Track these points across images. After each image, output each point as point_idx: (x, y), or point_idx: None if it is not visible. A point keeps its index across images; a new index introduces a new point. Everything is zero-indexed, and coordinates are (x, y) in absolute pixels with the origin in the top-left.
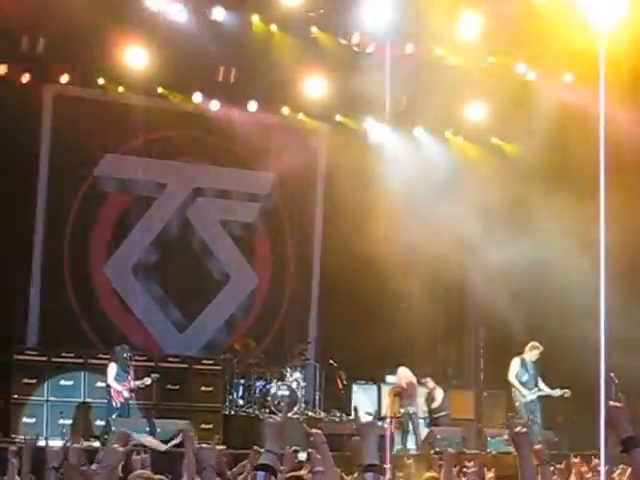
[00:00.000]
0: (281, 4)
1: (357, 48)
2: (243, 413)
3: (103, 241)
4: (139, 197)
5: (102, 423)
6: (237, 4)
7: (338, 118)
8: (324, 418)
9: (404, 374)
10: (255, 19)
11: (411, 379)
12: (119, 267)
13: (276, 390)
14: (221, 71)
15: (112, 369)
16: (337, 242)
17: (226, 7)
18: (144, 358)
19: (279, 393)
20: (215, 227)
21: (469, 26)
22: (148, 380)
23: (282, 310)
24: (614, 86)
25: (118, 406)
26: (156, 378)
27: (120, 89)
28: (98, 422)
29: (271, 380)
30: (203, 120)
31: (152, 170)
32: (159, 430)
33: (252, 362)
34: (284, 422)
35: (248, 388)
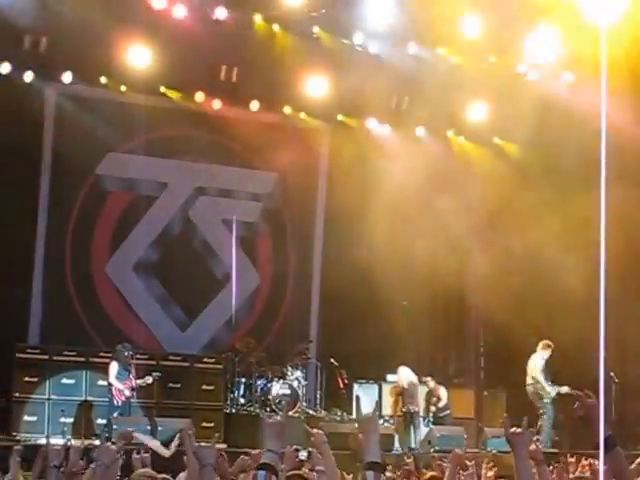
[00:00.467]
0: (283, 4)
1: (359, 48)
2: (244, 412)
3: (105, 240)
4: (141, 196)
5: (103, 421)
6: (239, 3)
7: (340, 117)
8: (325, 417)
9: (405, 374)
10: (257, 18)
11: (412, 379)
12: (121, 266)
13: (277, 389)
14: (223, 70)
15: (113, 368)
16: (339, 241)
17: (228, 6)
18: (145, 357)
19: (280, 392)
20: (217, 226)
21: (470, 26)
22: (149, 379)
23: (283, 309)
24: (615, 86)
25: (119, 405)
26: (157, 377)
27: (122, 88)
28: (99, 420)
29: (272, 379)
30: (205, 119)
31: (154, 169)
32: (160, 429)
33: (253, 361)
34: (284, 422)
35: (249, 387)
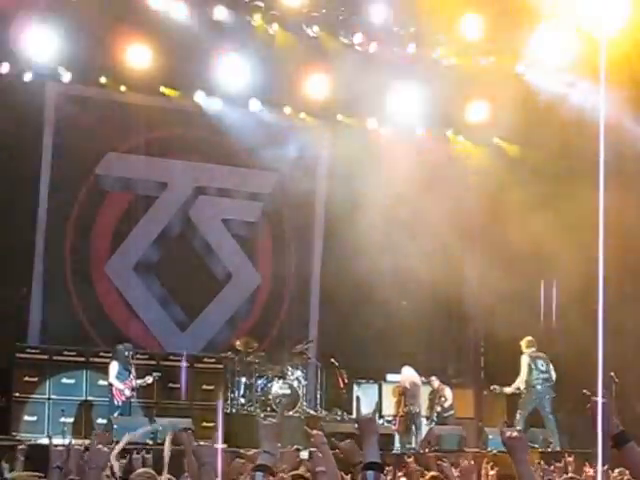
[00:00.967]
0: (283, 4)
1: (359, 48)
2: (244, 412)
3: (105, 240)
4: (141, 196)
5: (104, 421)
6: (239, 3)
7: (340, 117)
8: (325, 417)
9: (407, 374)
10: (257, 18)
11: (414, 379)
12: (121, 266)
13: (277, 389)
14: (223, 70)
15: (114, 367)
16: (339, 241)
17: (228, 6)
18: (146, 356)
19: (280, 392)
20: (217, 226)
21: (470, 26)
22: (150, 379)
23: (284, 309)
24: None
25: (119, 404)
26: (157, 377)
27: (122, 88)
28: (100, 420)
29: (272, 379)
30: (205, 119)
31: (154, 169)
32: (160, 429)
33: (253, 361)
34: (280, 423)
35: (249, 387)
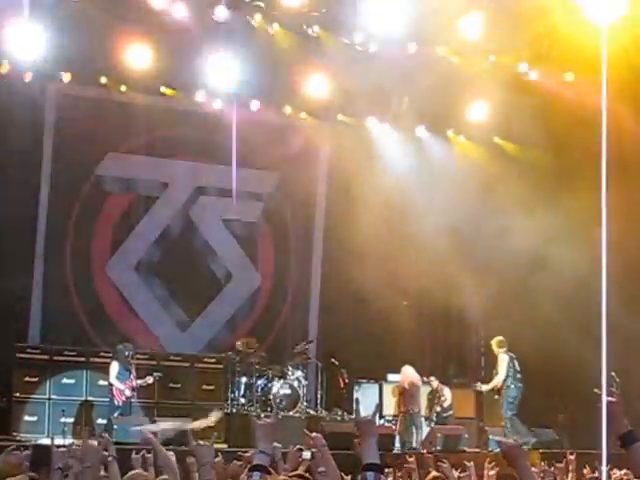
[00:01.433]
0: (283, 3)
1: (359, 47)
2: (244, 412)
3: (105, 240)
4: (141, 196)
5: (104, 421)
6: (239, 3)
7: (340, 117)
8: (326, 417)
9: (406, 374)
10: (257, 18)
11: (413, 379)
12: (121, 266)
13: (278, 389)
14: (223, 70)
15: (114, 368)
16: (339, 241)
17: (228, 6)
18: (146, 357)
19: (281, 392)
20: (217, 226)
21: (471, 25)
22: (150, 379)
23: (284, 309)
24: (615, 84)
25: (120, 405)
26: (158, 377)
27: (122, 88)
28: (100, 420)
29: (273, 379)
30: (205, 119)
31: (154, 169)
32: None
33: (254, 361)
34: (275, 423)
35: (250, 387)
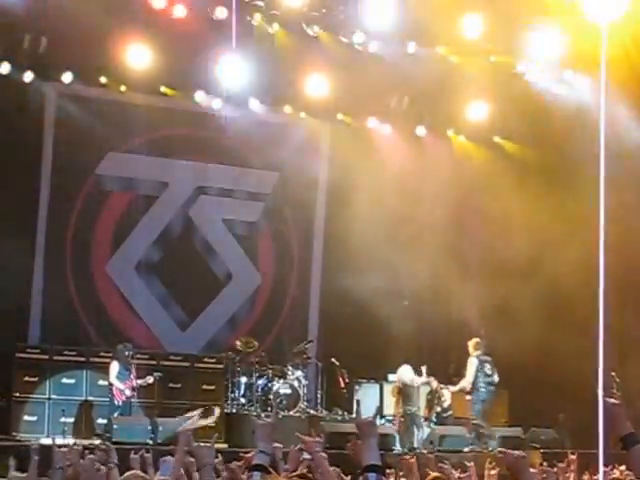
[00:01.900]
0: (283, 3)
1: (359, 47)
2: (245, 412)
3: (105, 240)
4: (141, 196)
5: (104, 421)
6: (239, 3)
7: (340, 117)
8: (326, 417)
9: (402, 373)
10: (257, 18)
11: (405, 379)
12: (121, 265)
13: (278, 389)
14: (223, 70)
15: (114, 367)
16: (339, 241)
17: (228, 6)
18: (146, 356)
19: (281, 392)
20: (218, 226)
21: (471, 25)
22: (150, 379)
23: (284, 309)
24: (615, 83)
25: (120, 404)
26: (158, 377)
27: (122, 88)
28: (100, 420)
29: (273, 379)
30: (205, 119)
31: (154, 169)
32: (161, 429)
33: (254, 360)
34: (274, 423)
35: (250, 386)
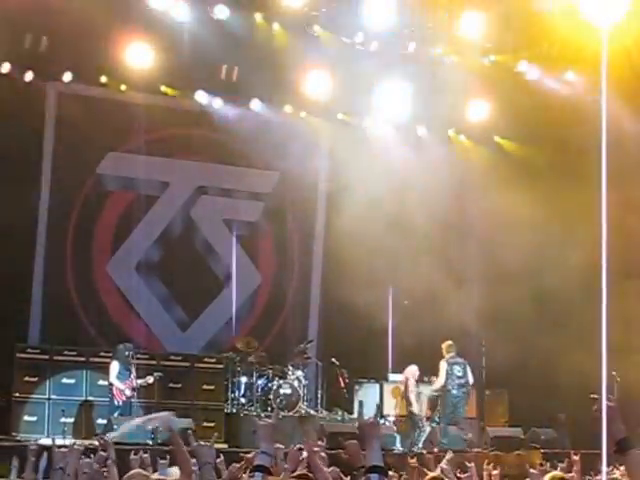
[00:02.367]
0: (283, 3)
1: (360, 47)
2: (245, 411)
3: (106, 239)
4: (142, 196)
5: (104, 421)
6: (240, 3)
7: (340, 116)
8: (326, 417)
9: (406, 373)
10: (258, 17)
11: (407, 380)
12: (122, 265)
13: (278, 388)
14: (224, 69)
15: (114, 367)
16: (339, 240)
17: (229, 5)
18: (146, 356)
19: (281, 391)
20: (218, 226)
21: (471, 25)
22: (150, 379)
23: (284, 309)
24: (616, 83)
25: (120, 404)
26: (158, 377)
27: (123, 87)
28: (100, 420)
29: (273, 378)
30: (206, 118)
31: (155, 169)
32: (161, 429)
33: (254, 360)
34: (275, 423)
35: (250, 386)
